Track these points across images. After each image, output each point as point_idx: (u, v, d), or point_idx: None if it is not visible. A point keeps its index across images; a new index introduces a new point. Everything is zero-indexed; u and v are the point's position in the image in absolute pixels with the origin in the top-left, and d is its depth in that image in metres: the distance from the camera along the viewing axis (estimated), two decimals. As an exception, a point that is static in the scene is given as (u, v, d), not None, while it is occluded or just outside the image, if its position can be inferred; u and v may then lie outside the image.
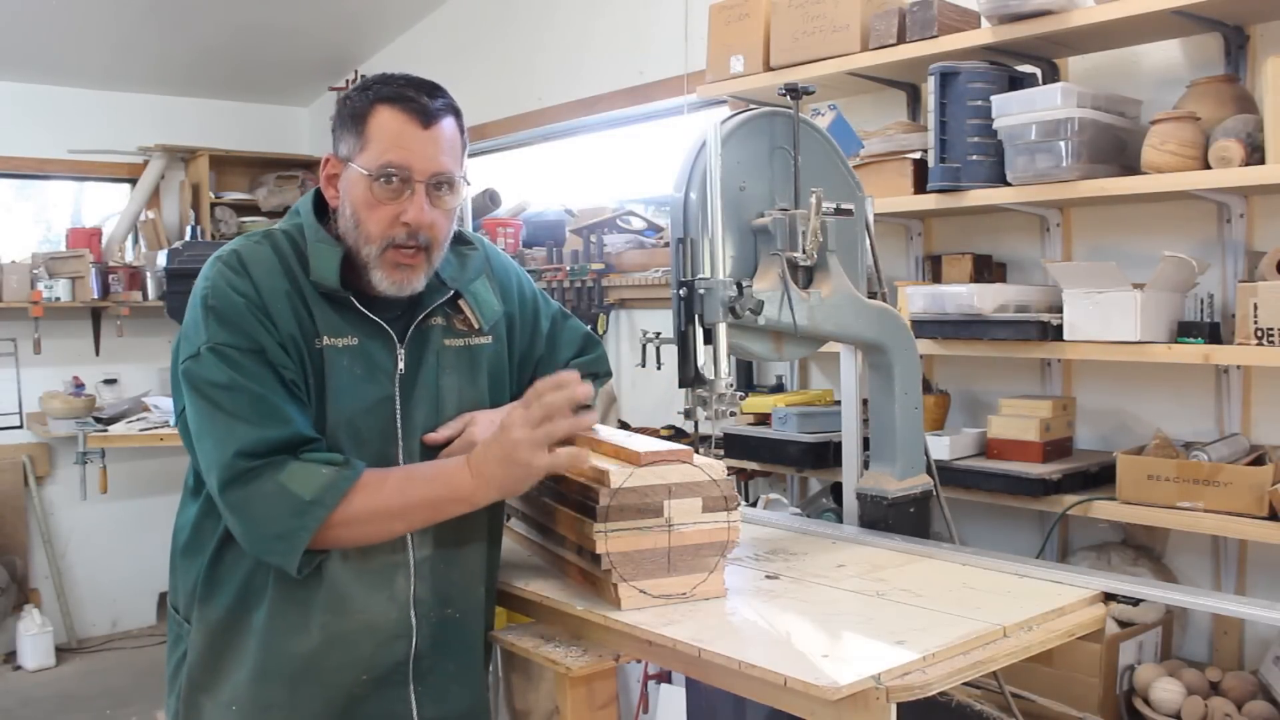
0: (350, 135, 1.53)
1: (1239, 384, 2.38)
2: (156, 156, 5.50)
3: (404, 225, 1.51)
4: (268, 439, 1.43)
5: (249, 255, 1.53)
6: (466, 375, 1.65)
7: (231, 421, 1.44)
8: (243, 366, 1.45)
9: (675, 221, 1.88)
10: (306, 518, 1.42)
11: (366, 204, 1.51)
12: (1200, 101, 2.25)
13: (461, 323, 1.66)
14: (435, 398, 1.60)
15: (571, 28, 4.29)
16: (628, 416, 3.81)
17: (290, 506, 1.42)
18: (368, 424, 1.55)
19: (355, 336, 1.54)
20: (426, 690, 1.60)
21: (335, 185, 1.57)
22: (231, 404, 1.44)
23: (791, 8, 2.85)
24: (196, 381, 1.47)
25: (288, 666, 1.52)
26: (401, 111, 1.50)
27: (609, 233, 4.03)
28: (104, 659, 5.08)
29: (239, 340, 1.46)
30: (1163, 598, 1.71)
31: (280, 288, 1.51)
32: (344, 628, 1.53)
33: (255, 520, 1.44)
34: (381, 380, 1.57)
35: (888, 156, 2.70)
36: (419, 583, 1.58)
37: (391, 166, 1.49)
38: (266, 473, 1.42)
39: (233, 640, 1.55)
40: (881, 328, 1.99)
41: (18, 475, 5.15)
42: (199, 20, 4.83)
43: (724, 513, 1.55)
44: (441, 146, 1.53)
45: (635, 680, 3.04)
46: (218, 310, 1.48)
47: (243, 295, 1.48)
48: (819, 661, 1.29)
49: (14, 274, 4.97)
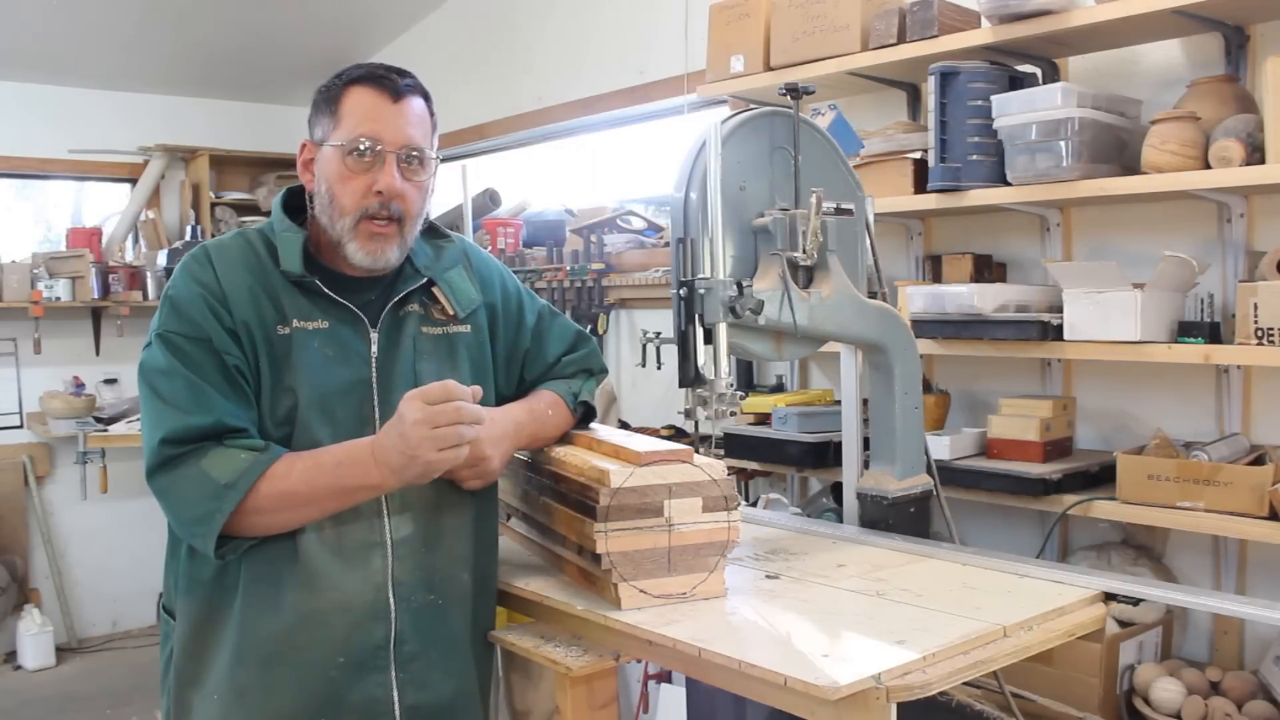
0: (324, 118, 1.59)
1: (1239, 384, 2.38)
2: (157, 156, 5.50)
3: (377, 195, 1.55)
4: (192, 426, 1.47)
5: (216, 249, 1.60)
6: (446, 362, 1.66)
7: (164, 408, 1.49)
8: (185, 353, 1.50)
9: (675, 221, 1.88)
10: (221, 500, 1.45)
11: (340, 177, 1.56)
12: (1200, 101, 2.25)
13: (439, 312, 1.68)
14: (414, 383, 1.59)
15: (571, 28, 4.29)
16: (628, 416, 3.81)
17: (208, 490, 1.45)
18: (342, 405, 1.57)
19: (325, 320, 1.58)
20: (409, 677, 1.59)
21: (311, 169, 1.62)
22: (169, 390, 1.49)
23: (792, 8, 2.85)
24: (143, 367, 1.54)
25: (261, 648, 1.53)
26: (371, 88, 1.57)
27: (609, 233, 4.03)
28: (104, 659, 5.08)
29: (186, 328, 1.52)
30: (1163, 598, 1.71)
31: (243, 280, 1.56)
32: (316, 606, 1.53)
33: (178, 503, 1.49)
34: (355, 363, 1.59)
35: (888, 156, 2.70)
36: (397, 564, 1.58)
37: (364, 138, 1.55)
38: (190, 458, 1.47)
39: (213, 630, 1.56)
40: (881, 328, 1.99)
41: (18, 475, 5.15)
42: (199, 20, 4.83)
43: (724, 512, 1.55)
44: (410, 119, 1.58)
45: (635, 680, 3.04)
46: (174, 300, 1.54)
47: (201, 285, 1.54)
48: (819, 661, 1.29)
49: (14, 274, 4.97)
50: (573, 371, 1.83)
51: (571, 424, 1.80)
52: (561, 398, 1.78)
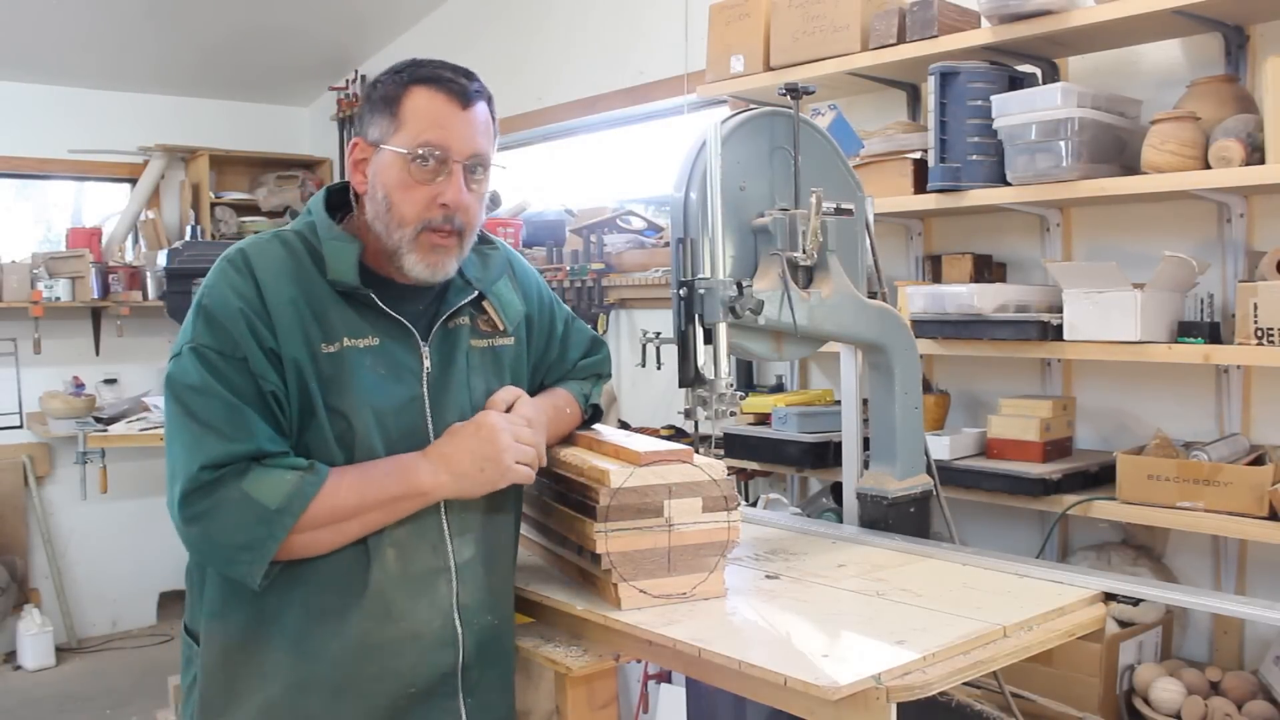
0: (382, 118, 1.49)
1: (1239, 384, 2.38)
2: (156, 156, 5.50)
3: (442, 207, 1.48)
4: (234, 452, 1.39)
5: (256, 256, 1.48)
6: (493, 376, 1.63)
7: (201, 431, 1.39)
8: (219, 371, 1.41)
9: (675, 221, 1.88)
10: (274, 526, 1.38)
11: (402, 185, 1.47)
12: (1200, 101, 2.25)
13: (485, 324, 1.63)
14: (469, 400, 1.57)
15: (571, 28, 4.29)
16: (628, 416, 3.81)
17: (256, 515, 1.38)
18: (397, 425, 1.50)
19: (376, 336, 1.50)
20: (476, 703, 1.56)
21: (363, 170, 1.52)
22: (205, 410, 1.40)
23: (791, 8, 2.85)
24: (173, 381, 1.43)
25: (327, 677, 1.46)
26: (439, 91, 1.47)
27: (609, 233, 4.02)
28: (104, 659, 5.08)
29: (222, 344, 1.42)
30: (1163, 598, 1.71)
31: (286, 292, 1.46)
32: (386, 635, 1.48)
33: (219, 530, 1.39)
34: (408, 380, 1.53)
35: (888, 156, 2.70)
36: (462, 589, 1.54)
37: (430, 145, 1.46)
38: (230, 479, 1.38)
39: (250, 658, 1.48)
40: (881, 328, 1.99)
41: (18, 475, 5.15)
42: (199, 20, 4.83)
43: (724, 513, 1.55)
44: (478, 128, 1.51)
45: (635, 680, 3.04)
46: (208, 311, 1.44)
47: (241, 297, 1.44)
48: (819, 661, 1.29)
49: (14, 274, 4.97)
50: (585, 374, 1.83)
51: (579, 424, 1.80)
52: (575, 398, 1.78)
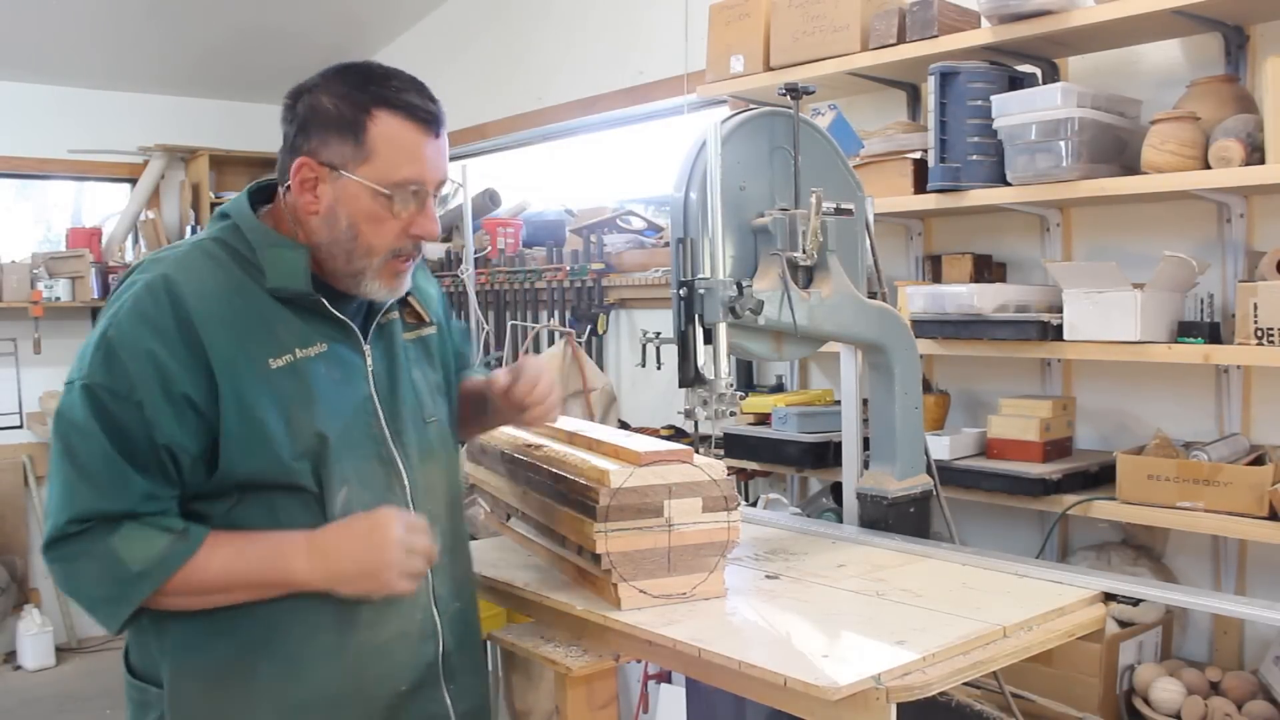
0: (340, 142, 1.40)
1: (1239, 384, 2.38)
2: (156, 156, 5.50)
3: (413, 237, 1.44)
4: (103, 511, 1.33)
5: (180, 276, 1.38)
6: (427, 366, 1.62)
7: (76, 480, 1.33)
8: (107, 414, 1.32)
9: (675, 221, 1.88)
10: (131, 589, 1.34)
11: (373, 218, 1.41)
12: (1200, 101, 2.25)
13: (410, 315, 1.61)
14: (413, 393, 1.56)
15: (571, 27, 4.29)
16: (628, 416, 3.81)
17: (116, 575, 1.33)
18: (355, 428, 1.47)
19: (324, 342, 1.45)
20: (457, 688, 1.57)
21: (314, 192, 1.42)
22: (85, 456, 1.33)
23: (791, 8, 2.85)
24: (59, 415, 1.36)
25: (324, 693, 1.45)
26: (408, 120, 1.40)
27: (609, 233, 4.03)
28: (104, 659, 5.08)
29: (117, 385, 1.32)
30: (1163, 598, 1.71)
31: (219, 312, 1.37)
32: (379, 639, 1.48)
33: (79, 579, 1.36)
34: (357, 381, 1.49)
35: (888, 156, 2.70)
36: (436, 579, 1.54)
37: (409, 182, 1.40)
38: (98, 533, 1.33)
39: (238, 688, 1.43)
40: (881, 328, 1.99)
41: (18, 475, 5.16)
42: (199, 20, 4.83)
43: (724, 513, 1.56)
44: (444, 152, 1.47)
45: (635, 680, 3.04)
46: (110, 345, 1.34)
47: (156, 333, 1.34)
48: (819, 661, 1.29)
49: (14, 274, 4.98)
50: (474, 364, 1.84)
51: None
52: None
